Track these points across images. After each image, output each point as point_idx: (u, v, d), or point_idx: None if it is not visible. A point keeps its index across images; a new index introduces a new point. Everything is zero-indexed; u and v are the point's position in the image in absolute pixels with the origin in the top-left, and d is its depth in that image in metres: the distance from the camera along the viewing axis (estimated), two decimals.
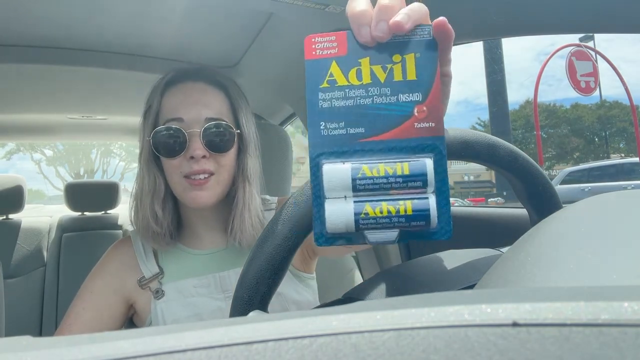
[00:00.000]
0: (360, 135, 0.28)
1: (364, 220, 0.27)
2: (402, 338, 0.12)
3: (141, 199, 0.70)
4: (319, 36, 0.29)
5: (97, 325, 0.67)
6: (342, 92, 0.29)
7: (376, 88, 0.28)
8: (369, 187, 0.27)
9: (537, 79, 11.05)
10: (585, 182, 8.75)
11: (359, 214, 0.27)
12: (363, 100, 0.28)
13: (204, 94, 0.70)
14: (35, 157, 27.81)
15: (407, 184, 0.27)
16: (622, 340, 0.12)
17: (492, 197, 16.14)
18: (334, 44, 0.29)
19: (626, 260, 0.20)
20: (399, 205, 0.27)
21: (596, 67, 10.54)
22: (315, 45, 0.29)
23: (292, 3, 0.78)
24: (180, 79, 0.71)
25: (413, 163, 0.27)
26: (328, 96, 0.29)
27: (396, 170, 0.27)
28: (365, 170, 0.27)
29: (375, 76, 0.29)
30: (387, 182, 0.27)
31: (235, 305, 0.35)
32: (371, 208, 0.27)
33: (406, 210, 0.27)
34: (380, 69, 0.29)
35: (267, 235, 0.34)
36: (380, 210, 0.27)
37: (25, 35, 0.97)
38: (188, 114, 0.67)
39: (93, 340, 0.13)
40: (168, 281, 0.71)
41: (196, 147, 0.66)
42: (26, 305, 1.63)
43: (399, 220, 0.27)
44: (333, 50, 0.29)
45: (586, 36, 12.14)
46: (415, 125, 0.28)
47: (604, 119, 21.64)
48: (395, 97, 0.28)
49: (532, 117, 20.97)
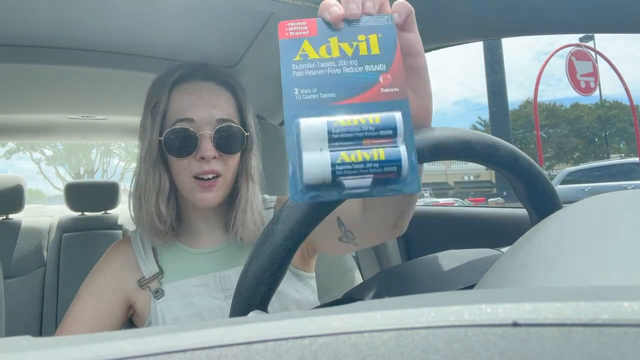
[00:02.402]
0: (332, 99, 0.31)
1: (340, 167, 0.29)
2: (402, 338, 0.12)
3: (145, 196, 0.69)
4: (292, 21, 0.33)
5: (96, 325, 0.67)
6: (313, 64, 0.31)
7: (344, 60, 0.32)
8: (344, 137, 0.29)
9: (537, 78, 11.05)
10: (585, 182, 8.75)
11: (335, 161, 0.29)
12: (333, 70, 0.31)
13: (214, 94, 0.70)
14: (35, 156, 27.82)
15: (379, 133, 0.30)
16: (622, 340, 0.12)
17: (492, 197, 16.14)
18: (305, 27, 0.33)
19: (626, 260, 0.20)
20: (372, 152, 0.29)
21: (596, 67, 10.55)
22: (288, 28, 0.33)
23: (292, 3, 0.78)
24: (188, 77, 0.71)
25: (384, 115, 0.30)
26: (301, 67, 0.31)
27: (368, 120, 0.30)
28: (340, 122, 0.30)
29: (343, 51, 0.32)
30: (361, 131, 0.29)
31: (235, 305, 0.35)
32: (347, 155, 0.29)
33: (379, 155, 0.29)
34: (347, 45, 0.32)
35: (267, 235, 0.34)
36: (355, 157, 0.29)
37: (26, 35, 0.97)
38: (199, 115, 0.67)
39: (93, 340, 0.13)
40: (168, 281, 0.71)
41: (207, 148, 0.66)
42: (26, 305, 1.63)
43: (372, 166, 0.29)
44: (305, 32, 0.32)
45: (586, 36, 12.14)
46: (382, 90, 0.31)
47: (603, 119, 21.65)
48: (362, 68, 0.31)
49: (532, 117, 20.98)
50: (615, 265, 0.20)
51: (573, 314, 0.12)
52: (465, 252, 0.44)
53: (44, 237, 1.76)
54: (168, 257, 0.74)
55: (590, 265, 0.21)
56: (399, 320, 0.13)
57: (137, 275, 0.71)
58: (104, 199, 1.93)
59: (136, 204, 0.71)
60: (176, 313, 0.68)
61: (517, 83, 53.43)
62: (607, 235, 0.23)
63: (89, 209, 1.91)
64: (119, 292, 0.71)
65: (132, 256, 0.73)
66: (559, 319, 0.12)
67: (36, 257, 1.70)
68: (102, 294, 0.70)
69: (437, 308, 0.13)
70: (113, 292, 0.70)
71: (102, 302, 0.69)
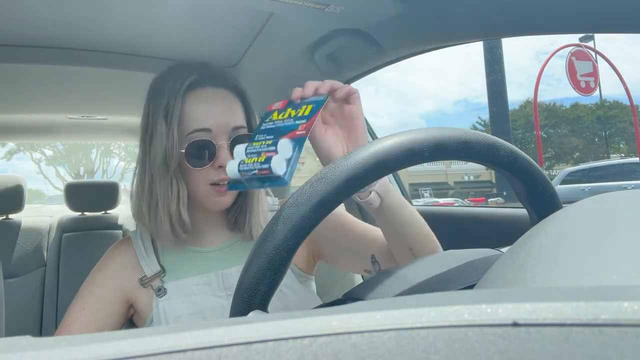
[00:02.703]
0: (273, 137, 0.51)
1: (241, 166, 0.50)
2: (402, 338, 0.12)
3: (164, 205, 0.68)
4: (277, 103, 0.57)
5: (96, 325, 0.67)
6: (272, 123, 0.54)
7: (289, 119, 0.52)
8: (252, 151, 0.51)
9: (537, 78, 11.06)
10: (585, 182, 8.75)
11: (240, 162, 0.50)
12: (280, 124, 0.52)
13: (227, 101, 0.71)
14: (35, 156, 27.81)
15: (269, 149, 0.49)
16: (622, 340, 0.12)
17: (492, 197, 16.15)
18: (279, 104, 0.56)
19: (626, 260, 0.20)
20: (260, 157, 0.49)
21: (596, 67, 10.55)
22: (273, 104, 0.57)
23: (292, 3, 0.78)
24: (200, 83, 0.70)
25: (278, 140, 0.49)
26: (267, 124, 0.54)
27: (269, 143, 0.50)
28: (253, 144, 0.52)
29: (290, 115, 0.53)
30: (262, 147, 0.50)
31: (235, 305, 0.35)
32: (247, 159, 0.50)
33: (260, 159, 0.48)
34: (294, 111, 0.53)
35: (267, 235, 0.34)
36: (252, 161, 0.49)
37: (26, 35, 0.97)
38: (216, 124, 0.68)
39: (93, 340, 0.13)
40: (170, 279, 0.71)
41: (225, 157, 0.68)
42: (26, 305, 1.63)
43: (258, 167, 0.48)
44: (278, 106, 0.56)
45: (586, 36, 12.14)
46: (297, 132, 0.49)
47: (603, 119, 21.65)
48: (293, 121, 0.51)
49: (532, 117, 20.99)
50: (615, 265, 0.20)
51: (573, 314, 0.12)
52: (465, 252, 0.44)
53: (44, 237, 1.76)
54: (171, 257, 0.74)
55: (590, 265, 0.21)
56: (399, 320, 0.13)
57: (139, 274, 0.71)
58: (104, 199, 1.92)
59: (148, 210, 0.70)
60: (178, 311, 0.68)
61: (516, 83, 53.42)
62: (607, 235, 0.23)
63: (89, 209, 1.91)
64: (119, 291, 0.71)
65: (132, 256, 0.73)
66: (559, 319, 0.12)
67: (36, 257, 1.70)
68: (102, 294, 0.70)
69: (437, 308, 0.13)
70: (113, 292, 0.70)
71: (102, 302, 0.69)
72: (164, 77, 0.72)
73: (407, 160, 0.36)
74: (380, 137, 0.38)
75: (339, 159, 0.36)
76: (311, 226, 0.34)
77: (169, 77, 0.71)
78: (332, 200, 0.34)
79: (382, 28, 0.89)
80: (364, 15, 0.85)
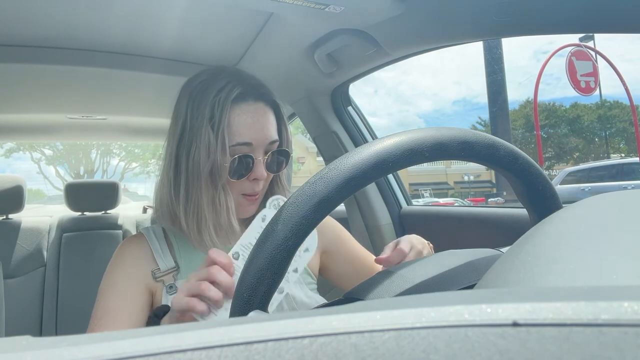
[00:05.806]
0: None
1: None
2: (402, 338, 0.12)
3: (210, 214, 0.70)
4: None
5: (126, 315, 0.67)
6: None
7: None
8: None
9: (537, 78, 11.06)
10: (585, 182, 8.75)
11: None
12: None
13: (266, 116, 0.73)
14: (35, 156, 27.80)
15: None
16: (622, 340, 0.12)
17: (492, 197, 16.14)
18: None
19: (626, 260, 0.20)
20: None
21: (596, 67, 10.55)
22: None
23: (292, 3, 0.78)
24: (245, 96, 0.71)
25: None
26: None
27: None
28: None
29: None
30: None
31: (235, 305, 0.35)
32: None
33: None
34: None
35: (267, 235, 0.34)
36: None
37: (26, 35, 0.97)
38: (256, 139, 0.70)
39: (93, 340, 0.13)
40: (182, 278, 0.71)
41: (261, 172, 0.71)
42: (26, 305, 1.63)
43: None
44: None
45: (586, 36, 12.14)
46: None
47: (603, 118, 21.65)
48: None
49: (531, 117, 20.98)
50: (615, 265, 0.20)
51: (573, 314, 0.12)
52: (465, 252, 0.44)
53: (44, 237, 1.76)
54: (186, 256, 0.74)
55: (590, 265, 0.21)
56: (399, 320, 0.13)
57: (152, 267, 0.71)
58: (104, 198, 1.92)
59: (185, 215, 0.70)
60: None
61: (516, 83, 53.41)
62: (607, 235, 0.23)
63: (89, 209, 1.91)
64: (140, 280, 0.71)
65: (147, 250, 0.73)
66: (559, 319, 0.12)
67: (36, 257, 1.70)
68: (126, 284, 0.69)
69: (437, 308, 0.13)
70: (136, 280, 0.70)
71: (128, 292, 0.69)
72: (205, 83, 0.72)
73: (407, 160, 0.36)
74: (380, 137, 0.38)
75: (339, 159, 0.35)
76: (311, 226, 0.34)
77: (212, 85, 0.71)
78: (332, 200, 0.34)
79: (382, 28, 0.89)
80: (364, 15, 0.84)
